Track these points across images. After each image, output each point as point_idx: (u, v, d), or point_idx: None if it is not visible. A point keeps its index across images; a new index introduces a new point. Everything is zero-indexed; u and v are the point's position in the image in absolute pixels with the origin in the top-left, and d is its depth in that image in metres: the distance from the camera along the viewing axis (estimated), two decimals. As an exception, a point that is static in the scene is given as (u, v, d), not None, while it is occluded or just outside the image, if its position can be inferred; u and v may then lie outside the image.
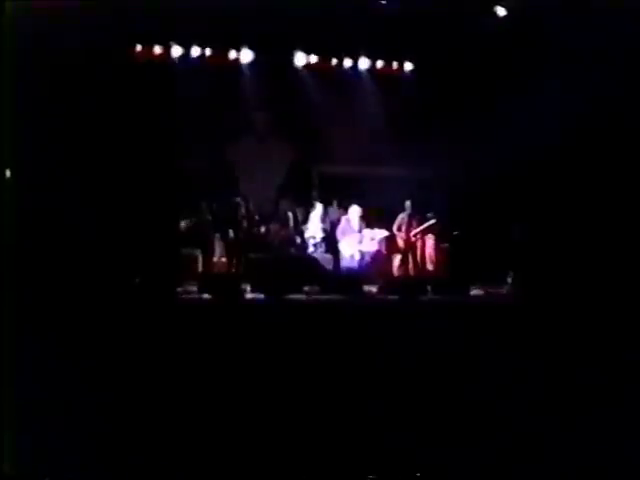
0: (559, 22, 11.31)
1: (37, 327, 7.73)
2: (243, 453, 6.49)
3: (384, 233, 13.49)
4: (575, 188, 11.84)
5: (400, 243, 13.32)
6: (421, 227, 13.27)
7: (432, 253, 13.31)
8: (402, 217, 13.36)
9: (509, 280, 12.30)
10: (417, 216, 13.30)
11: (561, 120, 11.26)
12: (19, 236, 8.60)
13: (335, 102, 13.98)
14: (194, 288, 11.38)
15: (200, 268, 12.47)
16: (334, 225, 13.38)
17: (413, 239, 13.29)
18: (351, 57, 14.07)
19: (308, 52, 13.84)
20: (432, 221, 13.22)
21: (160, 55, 13.37)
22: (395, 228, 13.38)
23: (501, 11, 12.38)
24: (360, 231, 13.29)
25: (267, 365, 8.04)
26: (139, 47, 13.05)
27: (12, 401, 6.40)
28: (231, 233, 12.70)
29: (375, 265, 13.28)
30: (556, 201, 12.07)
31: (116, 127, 11.53)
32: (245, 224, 12.87)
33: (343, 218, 13.34)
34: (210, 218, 12.76)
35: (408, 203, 13.29)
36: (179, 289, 11.18)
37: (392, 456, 6.58)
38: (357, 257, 13.15)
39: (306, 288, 11.61)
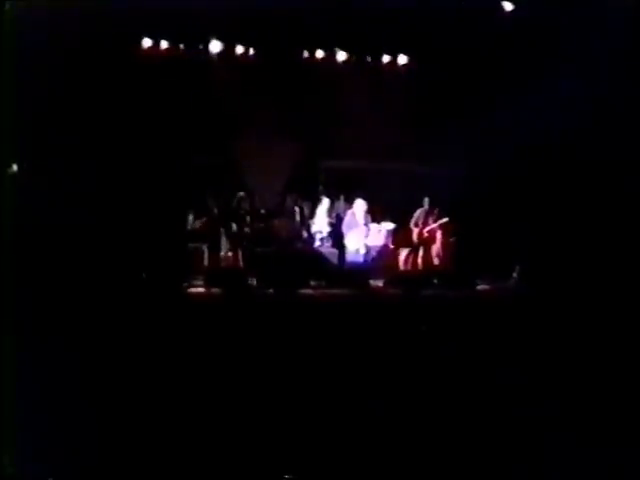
0: (566, 18, 11.29)
1: (41, 323, 7.75)
2: (252, 448, 6.47)
3: (391, 226, 13.50)
4: (582, 184, 11.82)
5: (414, 238, 13.31)
6: (436, 224, 13.25)
7: (439, 248, 13.28)
8: (420, 213, 13.36)
9: (515, 275, 12.30)
10: (434, 213, 13.29)
11: (572, 117, 11.24)
12: (26, 231, 8.64)
13: (341, 97, 13.95)
14: (201, 282, 11.46)
15: (206, 263, 12.53)
16: (341, 220, 13.38)
17: (426, 235, 13.29)
18: (357, 52, 14.03)
19: (314, 48, 13.83)
20: (445, 219, 13.21)
21: (165, 52, 13.35)
22: (412, 223, 13.38)
23: (508, 5, 12.34)
24: (366, 225, 13.30)
25: (273, 358, 8.05)
26: (144, 44, 13.08)
27: (12, 400, 6.41)
28: (237, 228, 12.73)
29: (381, 259, 13.29)
30: (562, 197, 12.06)
31: (121, 124, 11.59)
32: (251, 219, 12.90)
33: (348, 212, 13.34)
34: (216, 213, 12.79)
35: (426, 199, 13.32)
36: (186, 283, 11.25)
37: (395, 454, 6.57)
38: (363, 251, 13.16)
39: (312, 283, 11.66)
